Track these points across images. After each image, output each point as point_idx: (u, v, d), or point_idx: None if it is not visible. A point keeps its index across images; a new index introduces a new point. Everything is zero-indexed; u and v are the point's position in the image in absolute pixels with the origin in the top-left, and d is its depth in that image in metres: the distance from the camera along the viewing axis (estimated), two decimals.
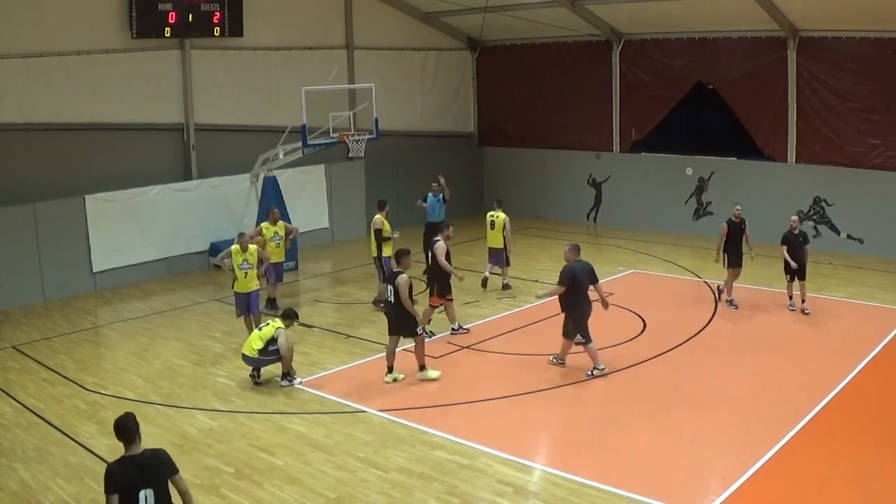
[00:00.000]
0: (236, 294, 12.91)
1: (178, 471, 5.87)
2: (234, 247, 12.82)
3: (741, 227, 14.16)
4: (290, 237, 15.50)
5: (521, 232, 20.66)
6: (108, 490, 5.62)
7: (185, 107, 18.52)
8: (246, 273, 12.75)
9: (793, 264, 13.58)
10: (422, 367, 11.27)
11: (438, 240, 13.20)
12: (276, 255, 14.78)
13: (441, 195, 17.07)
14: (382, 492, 8.32)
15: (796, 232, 13.79)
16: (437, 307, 13.19)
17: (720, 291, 14.62)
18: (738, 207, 14.36)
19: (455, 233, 14.06)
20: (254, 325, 12.28)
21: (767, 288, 15.46)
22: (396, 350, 11.32)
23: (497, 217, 15.62)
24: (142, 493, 5.64)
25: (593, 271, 11.28)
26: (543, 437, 9.92)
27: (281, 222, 15.06)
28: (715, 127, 20.58)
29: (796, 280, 13.80)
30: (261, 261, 13.02)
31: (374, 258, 14.89)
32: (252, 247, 12.93)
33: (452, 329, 13.27)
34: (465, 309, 14.60)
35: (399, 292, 10.82)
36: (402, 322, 11.03)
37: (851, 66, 17.75)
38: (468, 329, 13.36)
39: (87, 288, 16.63)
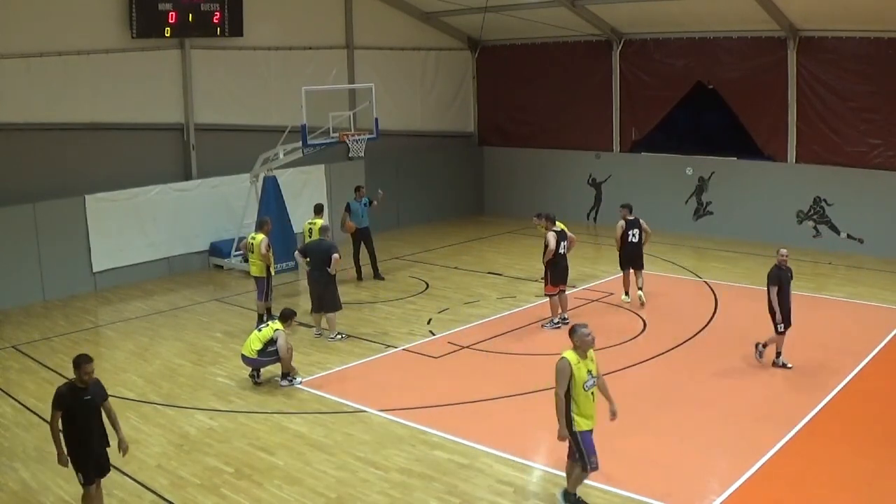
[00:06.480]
0: None
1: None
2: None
3: None
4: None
5: (520, 232, 20.66)
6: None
7: (185, 107, 18.50)
8: None
9: None
10: (627, 292, 14.50)
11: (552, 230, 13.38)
12: None
13: (364, 200, 16.87)
14: (382, 492, 8.32)
15: None
16: (552, 295, 13.50)
17: None
18: None
19: (453, 233, 14.04)
20: None
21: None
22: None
23: None
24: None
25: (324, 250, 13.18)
26: (543, 437, 9.89)
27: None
28: (715, 127, 20.56)
29: None
30: None
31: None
32: None
33: (554, 321, 13.43)
34: (465, 308, 14.62)
35: (645, 230, 14.38)
36: (641, 257, 14.45)
37: (851, 66, 17.73)
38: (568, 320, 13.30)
39: (87, 288, 16.62)
